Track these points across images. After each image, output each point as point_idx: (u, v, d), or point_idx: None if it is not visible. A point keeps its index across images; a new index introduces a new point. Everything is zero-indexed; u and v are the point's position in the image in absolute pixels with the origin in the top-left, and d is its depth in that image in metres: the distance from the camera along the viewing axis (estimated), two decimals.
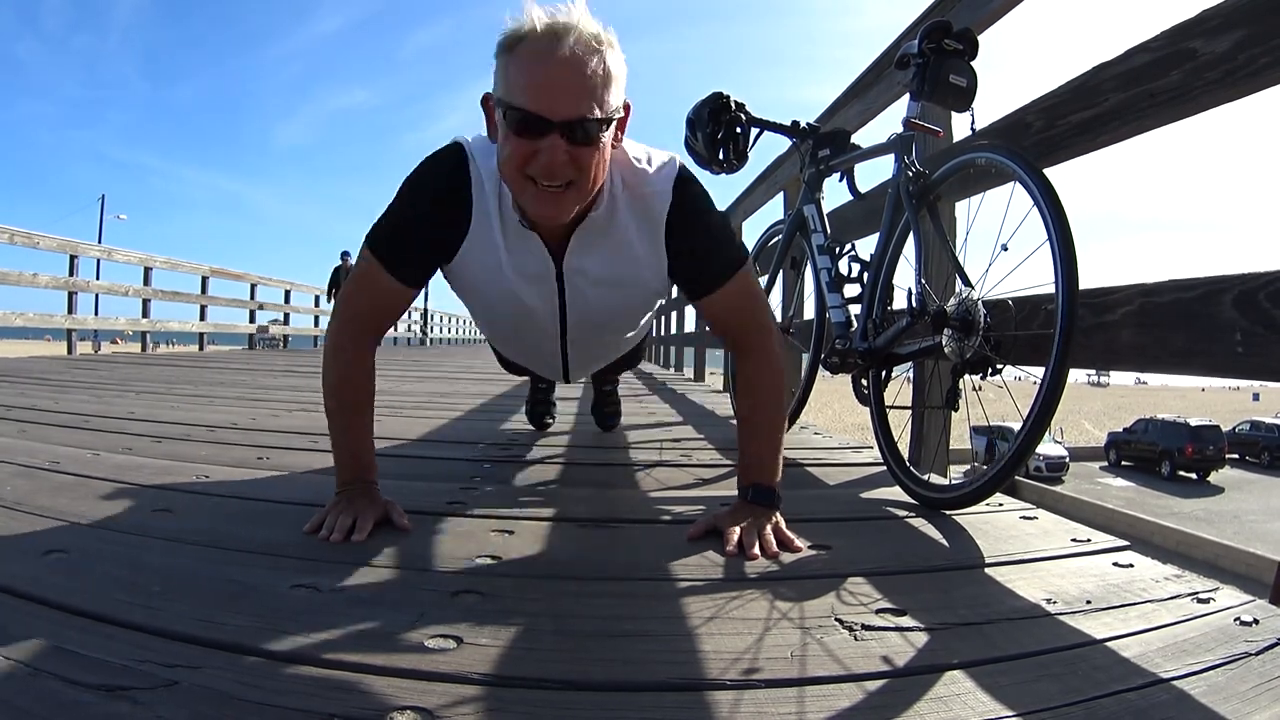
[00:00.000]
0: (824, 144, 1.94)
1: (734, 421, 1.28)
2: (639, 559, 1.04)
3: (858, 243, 1.86)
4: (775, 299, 2.32)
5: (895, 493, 1.47)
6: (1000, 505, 1.38)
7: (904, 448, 1.62)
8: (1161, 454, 21.68)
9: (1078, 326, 1.15)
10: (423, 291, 1.31)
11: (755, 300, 1.24)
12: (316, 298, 12.75)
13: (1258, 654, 0.74)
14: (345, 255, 9.99)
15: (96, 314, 8.00)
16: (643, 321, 1.48)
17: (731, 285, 1.19)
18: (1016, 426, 1.18)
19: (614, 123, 1.03)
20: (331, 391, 1.20)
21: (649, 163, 1.16)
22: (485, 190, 1.13)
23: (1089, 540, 1.15)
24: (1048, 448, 19.95)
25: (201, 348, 9.18)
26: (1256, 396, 44.63)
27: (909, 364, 1.66)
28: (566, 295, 1.25)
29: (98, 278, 7.98)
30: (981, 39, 1.54)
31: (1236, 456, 23.38)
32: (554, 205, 1.05)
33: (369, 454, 1.20)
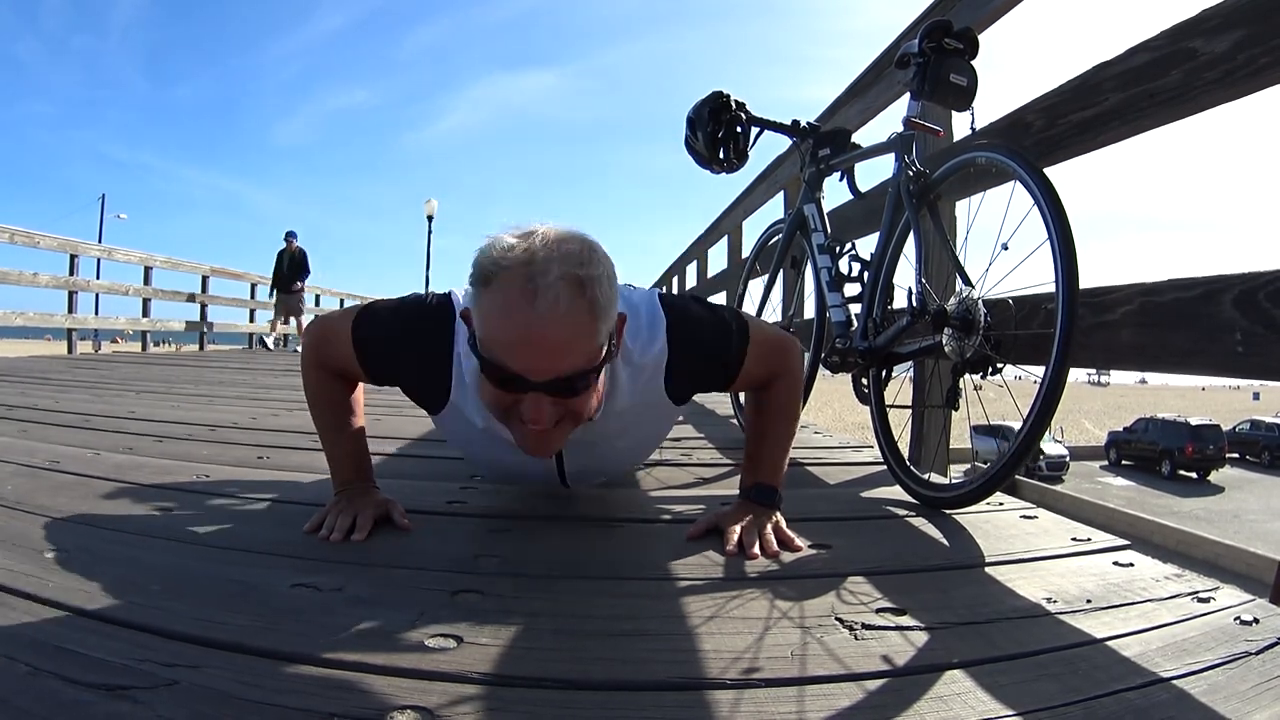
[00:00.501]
0: (824, 143, 1.94)
1: (734, 420, 1.28)
2: (639, 558, 1.04)
3: (858, 242, 1.86)
4: (776, 298, 2.32)
5: (895, 492, 1.47)
6: (1000, 504, 1.38)
7: (904, 447, 1.62)
8: (1162, 453, 21.68)
9: (1078, 326, 1.15)
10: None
11: (773, 348, 1.18)
12: (317, 297, 12.74)
13: (1258, 653, 0.74)
14: (290, 237, 8.89)
15: (97, 313, 8.00)
16: (650, 449, 1.46)
17: (749, 362, 1.14)
18: (1017, 426, 1.18)
19: (603, 365, 0.94)
20: (314, 404, 1.19)
21: (634, 316, 1.06)
22: (466, 381, 1.05)
23: (1089, 539, 1.15)
24: (1048, 447, 19.94)
25: (202, 347, 9.18)
26: (1257, 396, 44.62)
27: (909, 363, 1.66)
28: (566, 464, 1.21)
29: (98, 277, 7.98)
30: (982, 38, 1.54)
31: (1237, 456, 23.37)
32: (543, 442, 0.96)
33: (364, 456, 1.20)
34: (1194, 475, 20.98)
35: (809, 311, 2.22)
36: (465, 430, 1.14)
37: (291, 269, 8.93)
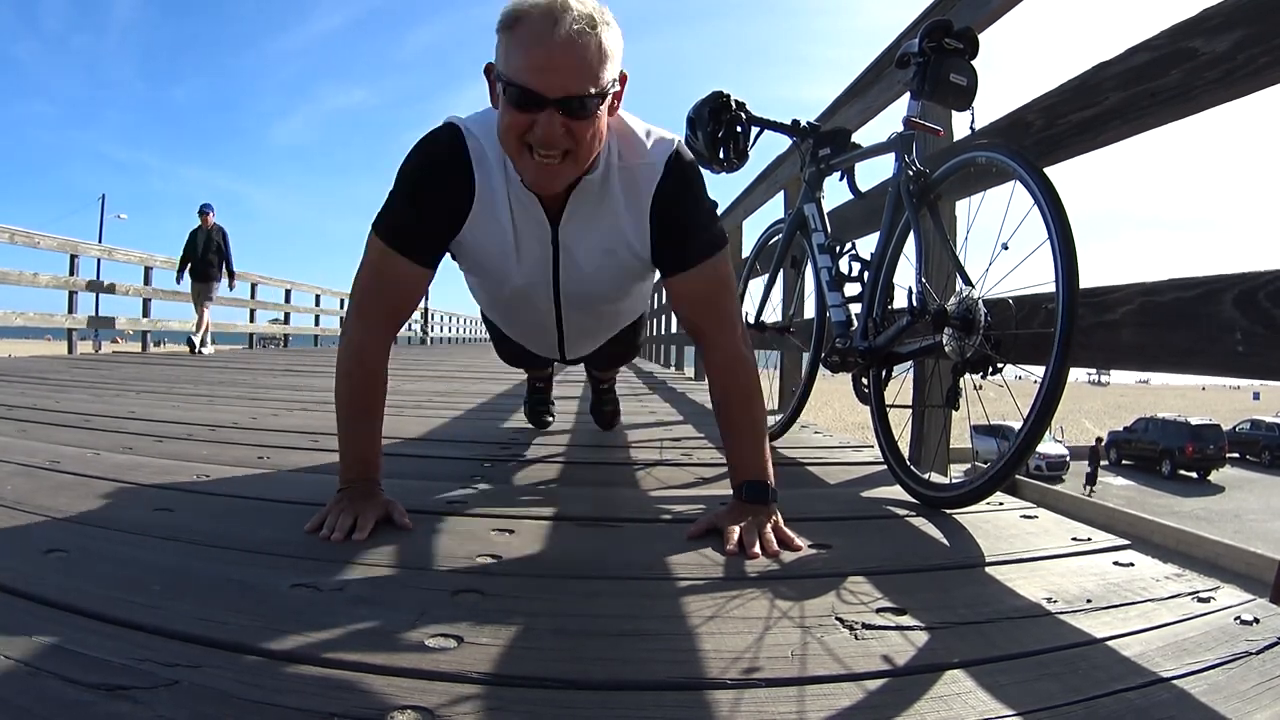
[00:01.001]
0: (824, 143, 1.94)
1: None
2: (639, 558, 1.04)
3: (858, 242, 1.86)
4: (776, 298, 2.32)
5: (896, 492, 1.47)
6: (1000, 504, 1.38)
7: (904, 447, 1.62)
8: (1162, 453, 21.69)
9: (1078, 325, 1.15)
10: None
11: (724, 289, 1.25)
12: (317, 296, 12.75)
13: (1258, 653, 0.74)
14: (205, 211, 7.43)
15: (97, 313, 7.99)
16: (633, 295, 1.48)
17: (704, 269, 1.21)
18: (1017, 426, 1.18)
19: (609, 96, 1.06)
20: (348, 391, 1.19)
21: (647, 137, 1.19)
22: (488, 158, 1.16)
23: (1089, 539, 1.15)
24: (1048, 446, 19.94)
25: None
26: (1257, 396, 44.60)
27: (909, 363, 1.66)
28: (560, 260, 1.27)
29: (98, 277, 7.98)
30: (982, 38, 1.54)
31: (1237, 455, 23.38)
32: (550, 174, 1.09)
33: (376, 455, 1.20)
34: (1194, 475, 20.98)
35: (809, 311, 2.22)
36: (488, 228, 1.20)
37: (207, 251, 7.47)
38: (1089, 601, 0.88)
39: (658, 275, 1.33)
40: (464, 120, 1.18)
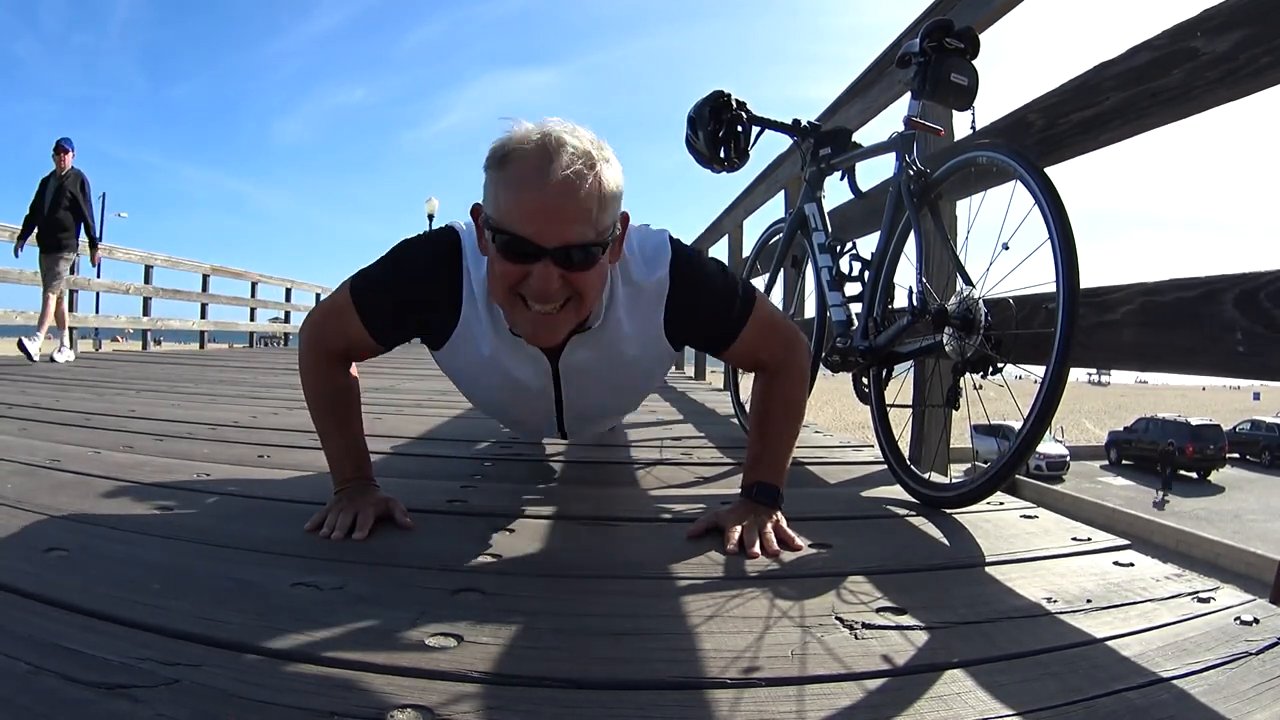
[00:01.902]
0: (825, 142, 1.94)
1: (734, 420, 1.28)
2: (639, 557, 1.04)
3: (858, 241, 1.85)
4: (776, 298, 2.32)
5: (896, 491, 1.47)
6: (1001, 504, 1.38)
7: (904, 446, 1.62)
8: (1162, 453, 21.68)
9: (1078, 325, 1.15)
10: None
11: (776, 332, 1.20)
12: (318, 296, 12.74)
13: (1258, 653, 0.74)
14: (64, 148, 5.13)
15: (97, 312, 8.00)
16: (643, 396, 1.44)
17: (748, 331, 1.16)
18: (1017, 425, 1.18)
19: (609, 244, 0.99)
20: (315, 404, 1.18)
21: (641, 249, 1.12)
22: (475, 293, 1.09)
23: (1089, 539, 1.15)
24: (1048, 446, 19.94)
25: (202, 346, 9.18)
26: (1257, 396, 44.59)
27: (910, 363, 1.66)
28: (563, 386, 1.22)
29: (98, 275, 7.97)
30: (983, 37, 1.54)
31: (1237, 456, 23.37)
32: (548, 326, 1.00)
33: (363, 454, 1.20)
34: (1194, 475, 20.98)
35: (809, 311, 2.21)
36: (470, 360, 1.16)
37: (58, 207, 5.11)
38: (1089, 601, 0.88)
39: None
40: (464, 235, 1.10)
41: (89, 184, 5.27)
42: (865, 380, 1.67)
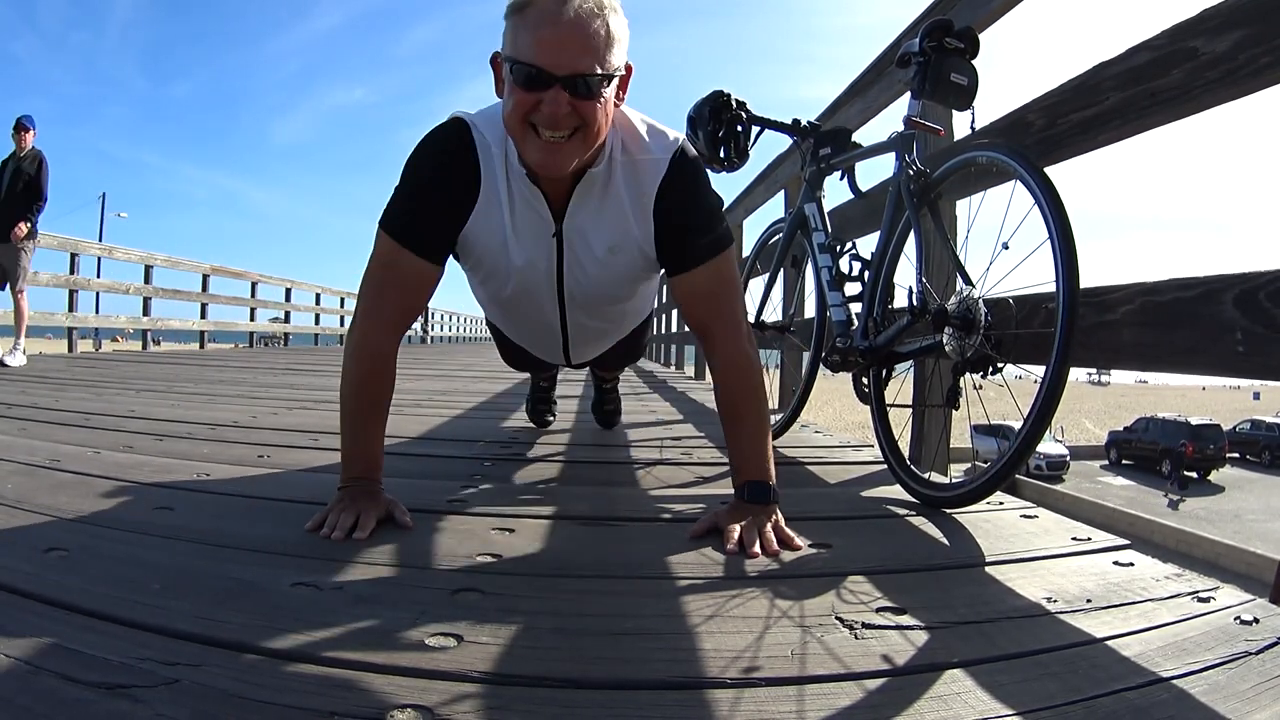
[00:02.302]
0: (825, 142, 1.94)
1: None
2: (639, 557, 1.04)
3: (858, 241, 1.86)
4: (776, 297, 2.32)
5: (896, 491, 1.47)
6: (1000, 504, 1.38)
7: (904, 446, 1.62)
8: (1162, 453, 21.68)
9: (1078, 325, 1.15)
10: None
11: (729, 288, 1.25)
12: (317, 295, 12.74)
13: (1258, 653, 0.74)
14: (24, 126, 4.71)
15: (97, 312, 8.00)
16: (639, 295, 1.47)
17: (708, 267, 1.21)
18: (1017, 425, 1.18)
19: (615, 80, 1.07)
20: (353, 389, 1.19)
21: (652, 134, 1.20)
22: (492, 153, 1.17)
23: (1089, 539, 1.15)
24: (1048, 446, 19.94)
25: (202, 345, 9.18)
26: (1257, 395, 44.58)
27: (909, 362, 1.66)
28: (564, 257, 1.27)
29: (98, 275, 7.98)
30: (982, 37, 1.54)
31: (1237, 455, 23.37)
32: (556, 154, 1.08)
33: (379, 454, 1.20)
34: (1194, 475, 20.98)
35: (809, 311, 2.22)
36: (491, 224, 1.21)
37: (12, 188, 4.67)
38: (1089, 601, 0.88)
39: (661, 273, 1.33)
40: (470, 115, 1.19)
41: (46, 164, 4.80)
42: (865, 380, 1.67)
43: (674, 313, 6.60)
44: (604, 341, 1.63)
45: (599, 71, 1.04)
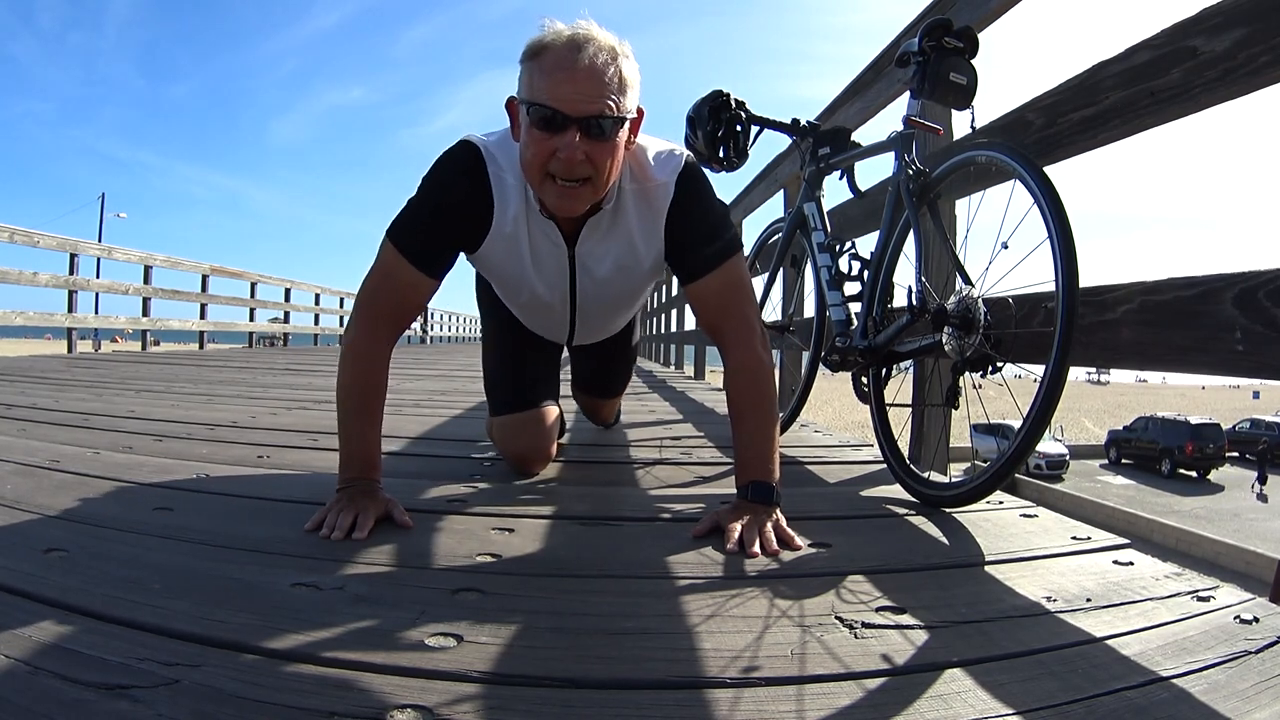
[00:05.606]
0: (824, 142, 1.94)
1: None
2: (639, 557, 1.04)
3: (858, 240, 1.85)
4: (776, 297, 2.32)
5: (895, 491, 1.47)
6: (1000, 503, 1.38)
7: (904, 445, 1.62)
8: (1162, 452, 21.68)
9: (1078, 324, 1.15)
10: None
11: (742, 293, 1.29)
12: (317, 295, 12.74)
13: (1257, 652, 0.74)
14: None
15: (97, 312, 7.99)
16: (645, 292, 1.56)
17: (719, 273, 1.26)
18: (1017, 425, 1.18)
19: (627, 123, 1.13)
20: (347, 391, 1.21)
21: (657, 158, 1.25)
22: (506, 183, 1.23)
23: (1089, 538, 1.15)
24: (1048, 445, 19.94)
25: (202, 346, 9.17)
26: (1257, 395, 44.59)
27: (909, 362, 1.66)
28: (578, 276, 1.35)
29: (98, 276, 7.97)
30: (982, 37, 1.54)
31: (1236, 455, 23.38)
32: (571, 200, 1.15)
33: (377, 454, 1.21)
34: (1194, 474, 20.99)
35: (809, 310, 2.21)
36: (505, 248, 1.28)
37: None
38: (1089, 600, 0.88)
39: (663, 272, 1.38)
40: (484, 142, 1.23)
41: None
42: (865, 379, 1.67)
43: (673, 313, 6.60)
44: (604, 333, 1.68)
45: (612, 114, 1.09)
